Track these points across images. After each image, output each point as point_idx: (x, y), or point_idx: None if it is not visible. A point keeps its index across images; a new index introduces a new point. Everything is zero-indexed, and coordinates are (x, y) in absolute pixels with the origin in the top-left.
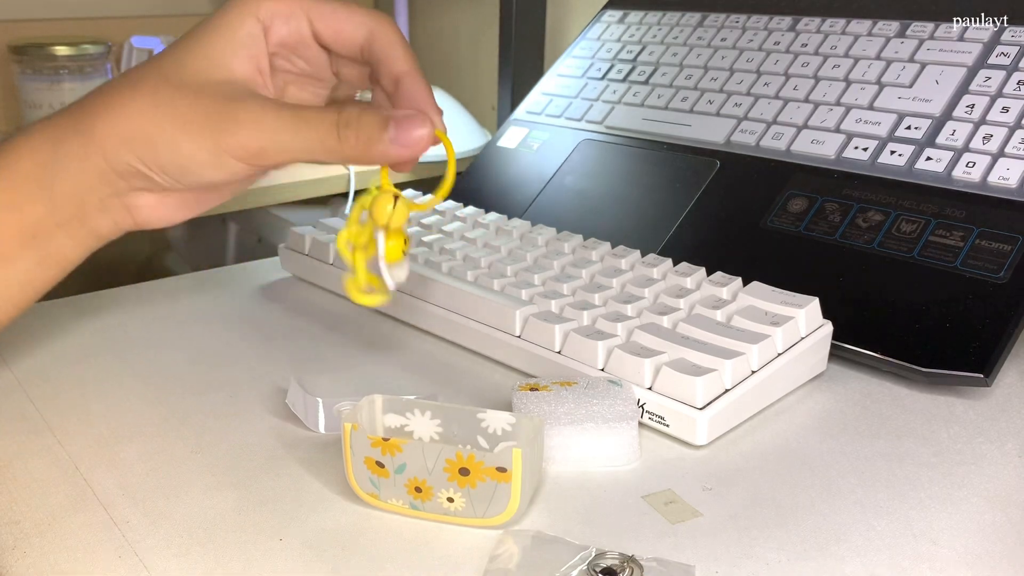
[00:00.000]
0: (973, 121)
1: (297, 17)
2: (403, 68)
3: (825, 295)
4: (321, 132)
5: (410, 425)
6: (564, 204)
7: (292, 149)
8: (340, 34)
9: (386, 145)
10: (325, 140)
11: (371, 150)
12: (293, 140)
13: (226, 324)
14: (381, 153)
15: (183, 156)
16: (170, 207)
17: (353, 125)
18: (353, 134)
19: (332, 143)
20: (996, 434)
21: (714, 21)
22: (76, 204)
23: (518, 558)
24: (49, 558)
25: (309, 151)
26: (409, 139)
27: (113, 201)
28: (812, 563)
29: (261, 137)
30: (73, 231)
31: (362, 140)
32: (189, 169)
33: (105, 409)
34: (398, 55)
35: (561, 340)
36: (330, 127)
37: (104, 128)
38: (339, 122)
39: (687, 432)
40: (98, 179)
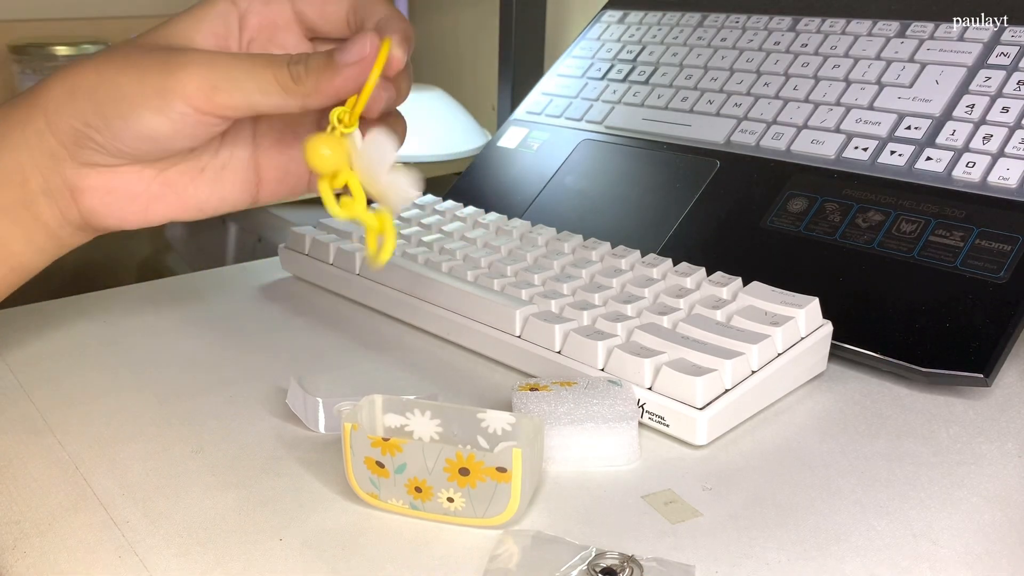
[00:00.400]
0: (973, 121)
1: (279, 1)
2: (382, 14)
3: (825, 295)
4: (274, 68)
5: (410, 425)
6: (564, 204)
7: (246, 88)
8: (325, 11)
9: (336, 69)
10: (278, 75)
11: (322, 78)
12: (244, 76)
13: (226, 324)
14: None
15: (126, 100)
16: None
17: (303, 61)
18: (303, 68)
19: (284, 78)
20: (996, 434)
21: (714, 21)
22: (18, 184)
23: (518, 558)
24: (49, 558)
25: (262, 89)
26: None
27: (56, 180)
28: (812, 563)
29: (212, 74)
30: (18, 217)
31: (312, 70)
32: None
33: (105, 409)
34: (378, 8)
35: (561, 340)
36: (281, 65)
37: (49, 91)
38: (290, 60)
39: (687, 432)
40: (40, 148)
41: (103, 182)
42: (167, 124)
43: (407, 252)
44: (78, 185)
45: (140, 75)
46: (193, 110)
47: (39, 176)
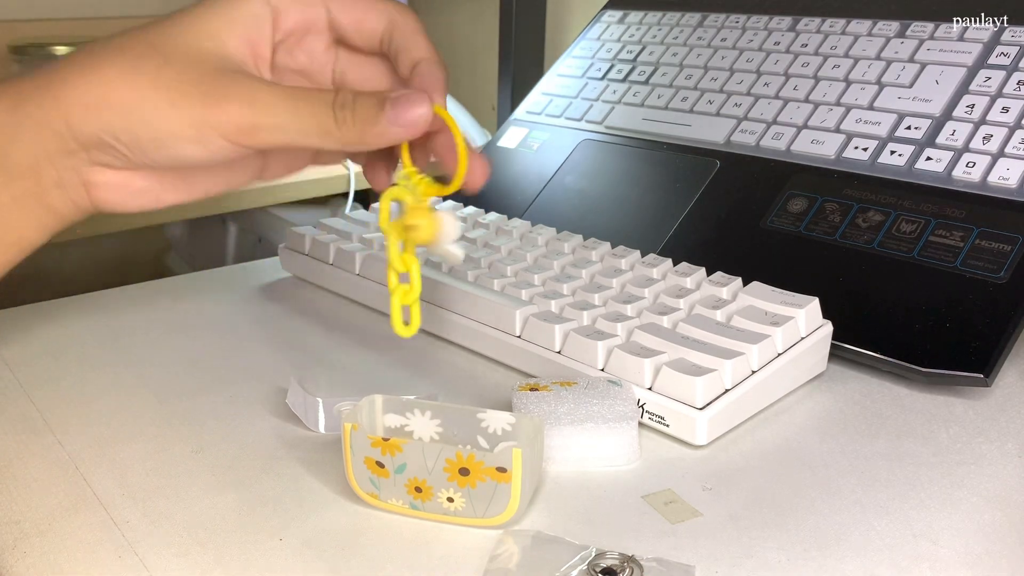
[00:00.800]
0: (973, 121)
1: (315, 4)
2: (422, 55)
3: (825, 295)
4: (317, 111)
5: (410, 425)
6: (564, 204)
7: (286, 128)
8: (361, 24)
9: (383, 126)
10: (322, 120)
11: (368, 131)
12: (287, 118)
13: (226, 324)
14: (378, 134)
15: (162, 128)
16: (133, 192)
17: (349, 105)
18: (350, 114)
19: (328, 123)
20: (996, 434)
21: (714, 21)
22: (32, 177)
23: (518, 558)
24: (49, 558)
25: (303, 131)
26: (407, 118)
27: (71, 176)
28: (812, 563)
29: (253, 113)
30: (29, 208)
31: (359, 121)
32: (166, 144)
33: (105, 409)
34: (419, 44)
35: (561, 340)
36: (326, 107)
37: (72, 91)
38: (335, 102)
39: (687, 432)
40: (57, 147)
41: (120, 179)
42: (202, 153)
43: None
44: (93, 181)
45: (178, 101)
46: (231, 144)
47: (53, 171)
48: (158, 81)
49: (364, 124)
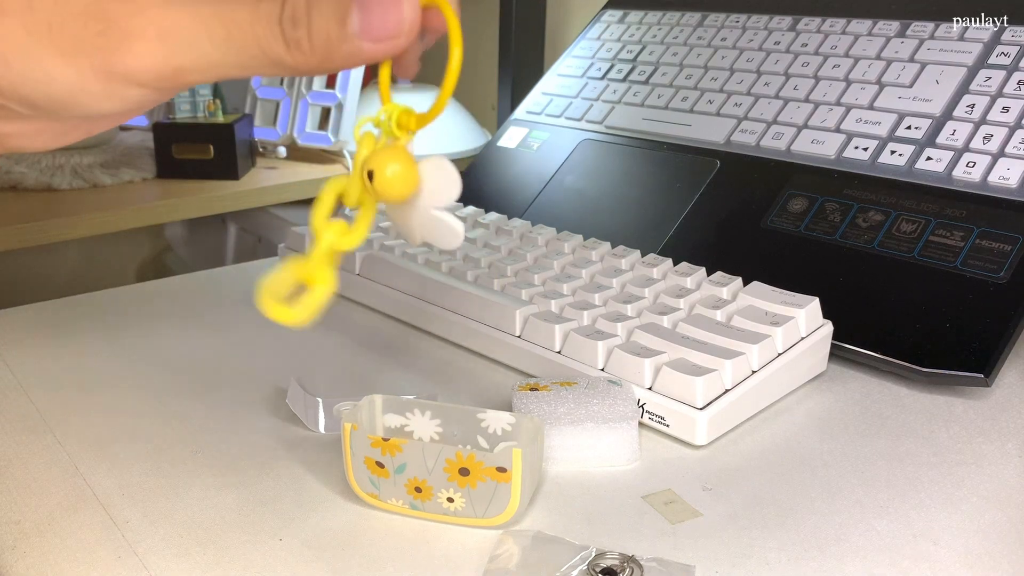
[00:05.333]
0: (973, 121)
1: None
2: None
3: (825, 295)
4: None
5: (410, 425)
6: (564, 204)
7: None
8: None
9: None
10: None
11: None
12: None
13: (226, 324)
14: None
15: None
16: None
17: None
18: (304, 34)
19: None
20: (996, 434)
21: (714, 21)
22: None
23: (518, 558)
24: (49, 558)
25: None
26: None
27: None
28: (812, 563)
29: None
30: None
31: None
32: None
33: (105, 409)
34: None
35: (561, 340)
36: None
37: None
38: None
39: (687, 432)
40: None
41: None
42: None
43: (407, 252)
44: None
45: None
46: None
47: None
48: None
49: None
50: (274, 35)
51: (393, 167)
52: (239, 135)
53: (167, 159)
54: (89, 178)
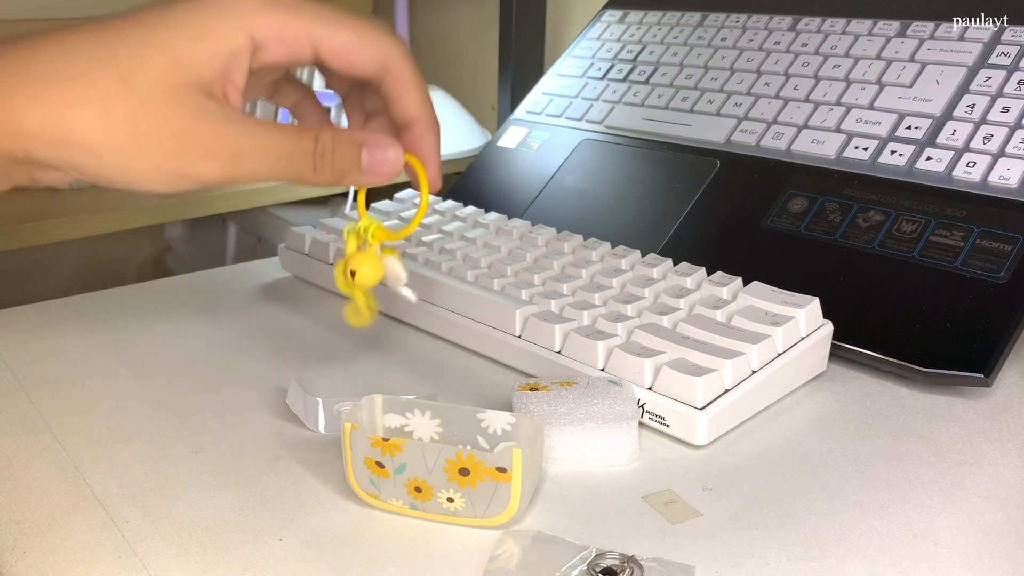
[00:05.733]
0: (973, 121)
1: (300, 44)
2: (415, 113)
3: (825, 295)
4: (296, 160)
5: (410, 425)
6: (564, 204)
7: (261, 178)
8: (350, 70)
9: (358, 175)
10: (300, 168)
11: (343, 179)
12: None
13: (226, 324)
14: (351, 181)
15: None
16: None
17: (328, 154)
18: (328, 164)
19: (306, 171)
20: (996, 434)
21: (714, 21)
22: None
23: (518, 558)
24: (49, 558)
25: (280, 176)
26: (382, 170)
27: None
28: (812, 563)
29: (234, 170)
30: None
31: (336, 169)
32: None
33: (105, 409)
34: (412, 98)
35: (561, 340)
36: (306, 156)
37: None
38: (315, 153)
39: (687, 432)
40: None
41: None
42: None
43: (407, 252)
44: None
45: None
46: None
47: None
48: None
49: (341, 172)
50: (307, 164)
51: (364, 268)
52: None
53: None
54: None
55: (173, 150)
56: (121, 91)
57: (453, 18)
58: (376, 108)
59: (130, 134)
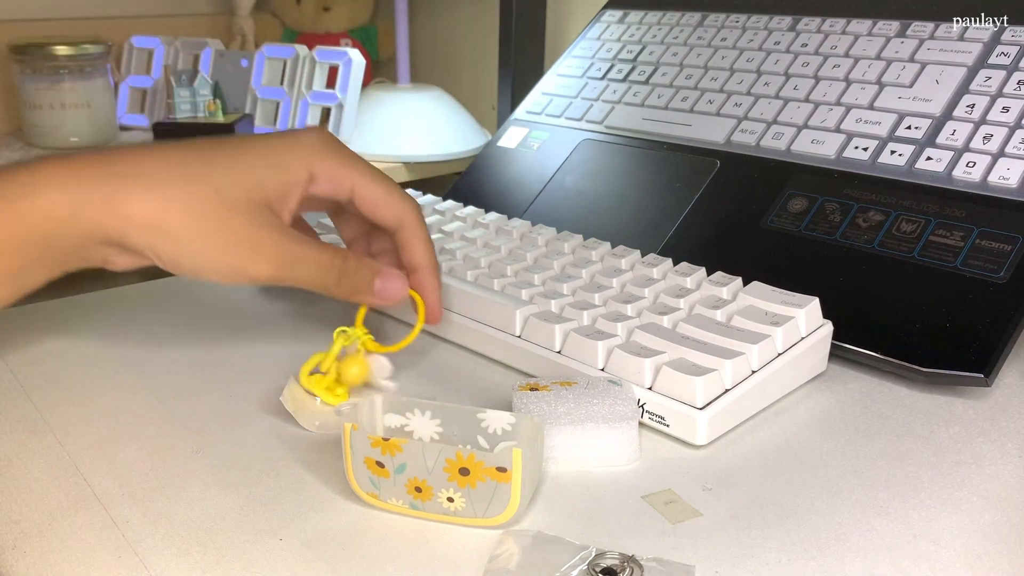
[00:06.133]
0: (973, 121)
1: (343, 186)
2: (420, 262)
3: (825, 295)
4: (326, 275)
5: (410, 425)
6: (564, 204)
7: (298, 281)
8: (373, 215)
9: (369, 295)
10: (327, 281)
11: (356, 296)
12: (302, 278)
13: (226, 324)
14: (362, 299)
15: (205, 265)
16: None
17: (350, 275)
18: (349, 282)
19: (331, 284)
20: (996, 434)
21: (714, 21)
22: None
23: (518, 558)
24: (49, 558)
25: (310, 284)
26: (388, 296)
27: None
28: (812, 563)
29: (283, 272)
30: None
31: (354, 287)
32: (200, 273)
33: (105, 409)
34: (419, 251)
35: (561, 340)
36: (335, 273)
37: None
38: (341, 270)
39: (687, 432)
40: (101, 241)
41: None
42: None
43: None
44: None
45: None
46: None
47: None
48: (218, 230)
49: (356, 291)
50: (334, 279)
51: (353, 370)
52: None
53: None
54: None
55: (241, 250)
56: (213, 198)
57: (453, 18)
58: (381, 249)
59: (212, 232)
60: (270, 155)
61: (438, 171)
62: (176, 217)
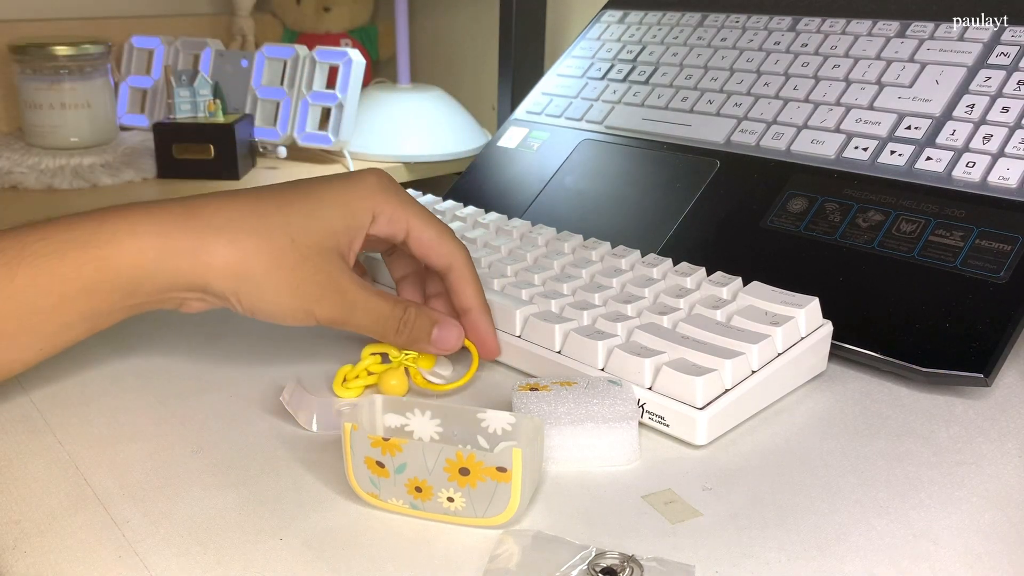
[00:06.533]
0: (973, 121)
1: (400, 226)
2: (470, 304)
3: (825, 295)
4: (387, 323)
5: (410, 425)
6: (564, 204)
7: (359, 327)
8: (426, 257)
9: (426, 344)
10: (387, 329)
11: (414, 344)
12: (365, 324)
13: (226, 324)
14: (419, 348)
15: (278, 309)
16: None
17: (410, 324)
18: (408, 330)
19: (390, 332)
20: (996, 434)
21: (714, 21)
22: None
23: (518, 558)
24: (49, 558)
25: (370, 331)
26: (444, 345)
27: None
28: (812, 563)
29: (346, 317)
30: (127, 312)
31: (412, 336)
32: (274, 316)
33: (105, 409)
34: (468, 292)
35: (561, 340)
36: (395, 322)
37: (218, 261)
38: (402, 320)
39: (687, 432)
40: (186, 288)
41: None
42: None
43: None
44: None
45: (301, 297)
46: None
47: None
48: (293, 277)
49: (414, 339)
50: (394, 328)
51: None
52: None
53: (168, 159)
54: (90, 178)
55: (313, 295)
56: (290, 248)
57: (453, 18)
58: (435, 292)
59: (289, 279)
60: (339, 203)
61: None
62: (258, 268)
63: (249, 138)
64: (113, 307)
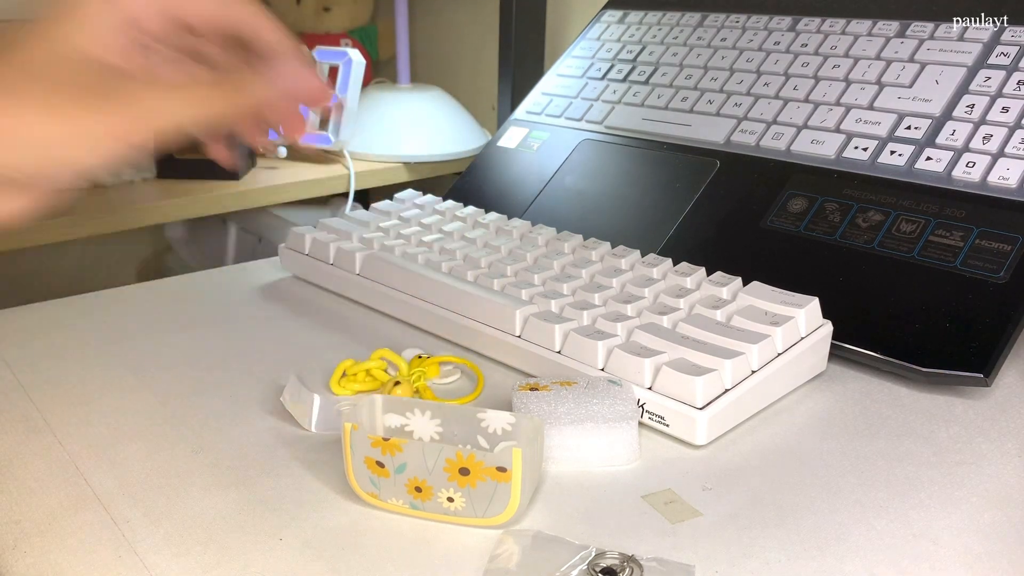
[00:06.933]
0: (973, 121)
1: (159, 9)
2: (274, 51)
3: (825, 295)
4: (217, 103)
5: (410, 425)
6: (564, 204)
7: (186, 125)
8: (207, 24)
9: (263, 86)
10: (213, 104)
11: (242, 94)
12: (189, 116)
13: (226, 324)
14: (266, 97)
15: (60, 157)
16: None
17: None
18: (232, 88)
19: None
20: (996, 434)
21: (714, 21)
22: None
23: (518, 558)
24: (49, 557)
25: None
26: (294, 81)
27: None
28: (812, 563)
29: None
30: None
31: (243, 95)
32: (65, 163)
33: (105, 409)
34: (265, 40)
35: (561, 340)
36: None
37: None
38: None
39: (687, 432)
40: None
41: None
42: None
43: (407, 252)
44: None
45: (66, 115)
46: (127, 148)
47: None
48: (46, 101)
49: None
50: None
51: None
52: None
53: (167, 159)
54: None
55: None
56: (23, 78)
57: (453, 18)
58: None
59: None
60: (66, 14)
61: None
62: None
63: None
64: None
